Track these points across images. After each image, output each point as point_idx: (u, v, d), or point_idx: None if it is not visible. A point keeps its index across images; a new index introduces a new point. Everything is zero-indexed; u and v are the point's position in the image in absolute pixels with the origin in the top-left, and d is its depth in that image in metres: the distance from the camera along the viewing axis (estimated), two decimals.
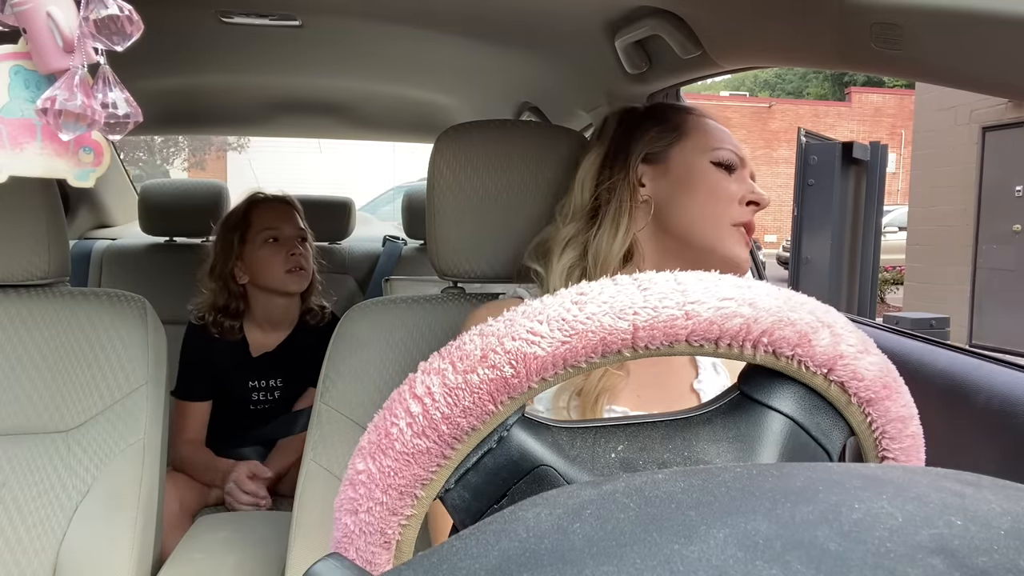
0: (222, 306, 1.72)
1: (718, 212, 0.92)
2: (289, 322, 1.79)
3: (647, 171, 0.95)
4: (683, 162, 0.94)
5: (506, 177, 1.08)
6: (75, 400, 1.10)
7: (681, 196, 0.93)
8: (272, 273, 1.71)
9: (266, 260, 1.71)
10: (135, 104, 0.71)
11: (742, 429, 0.40)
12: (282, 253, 1.72)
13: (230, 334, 1.73)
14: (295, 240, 1.75)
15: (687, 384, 0.92)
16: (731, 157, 0.94)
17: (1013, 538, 0.21)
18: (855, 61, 0.82)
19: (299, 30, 1.41)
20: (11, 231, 1.07)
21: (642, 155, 0.96)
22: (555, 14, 1.25)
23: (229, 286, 1.73)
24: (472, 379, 0.37)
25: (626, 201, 0.93)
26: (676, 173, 0.94)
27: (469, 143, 1.09)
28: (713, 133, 0.96)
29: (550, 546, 0.23)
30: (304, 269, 1.74)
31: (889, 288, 9.53)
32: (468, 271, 1.10)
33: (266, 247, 1.72)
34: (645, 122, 0.99)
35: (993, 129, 6.88)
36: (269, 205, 1.78)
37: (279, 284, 1.72)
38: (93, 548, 1.05)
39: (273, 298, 1.75)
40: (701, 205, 0.92)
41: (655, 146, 0.96)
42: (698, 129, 0.96)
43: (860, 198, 3.85)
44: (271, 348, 1.78)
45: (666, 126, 0.97)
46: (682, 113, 0.99)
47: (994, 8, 0.61)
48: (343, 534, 0.40)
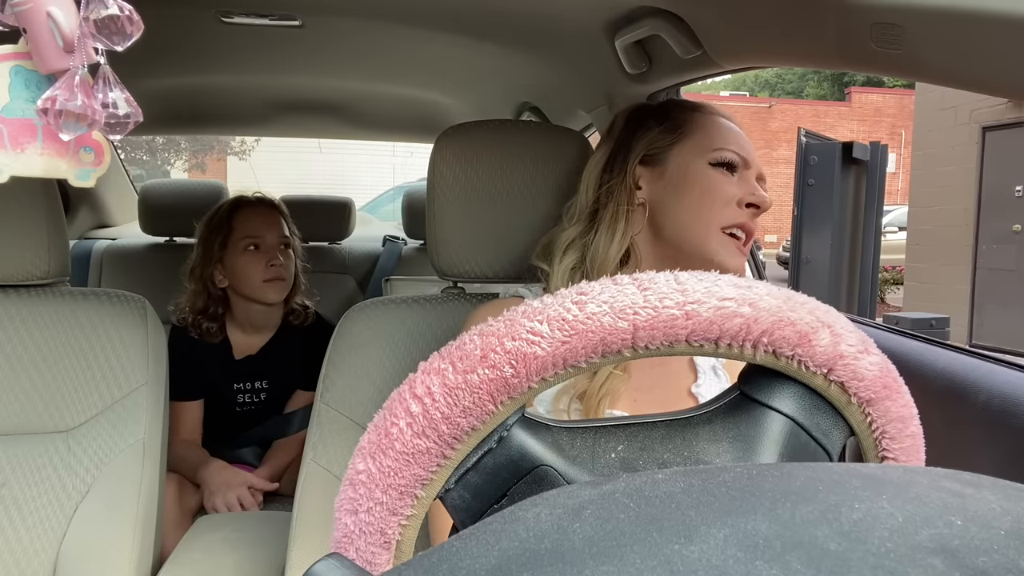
0: (201, 308, 1.70)
1: (709, 216, 0.89)
2: (272, 325, 1.77)
3: (645, 173, 0.94)
4: (680, 164, 0.92)
5: (506, 177, 1.08)
6: (75, 400, 1.10)
7: (673, 199, 0.91)
8: (250, 282, 1.68)
9: (245, 268, 1.68)
10: (135, 104, 0.71)
11: (742, 429, 0.40)
12: (262, 262, 1.68)
13: (210, 336, 1.71)
14: (277, 248, 1.71)
15: (685, 388, 0.91)
16: (732, 157, 0.91)
17: (1013, 538, 0.21)
18: (855, 61, 0.82)
19: (299, 30, 1.41)
20: (11, 231, 1.07)
21: (640, 157, 0.94)
22: (555, 14, 1.25)
23: (208, 289, 1.70)
24: (472, 379, 0.37)
25: (623, 204, 0.92)
26: (672, 175, 0.92)
27: (469, 143, 1.09)
28: (717, 133, 0.93)
29: (550, 546, 0.23)
30: (284, 279, 1.70)
31: (889, 288, 9.53)
32: (468, 271, 1.09)
33: (246, 254, 1.68)
34: (648, 121, 0.97)
35: (993, 129, 6.88)
36: (253, 210, 1.74)
37: (257, 294, 1.69)
38: (93, 548, 1.05)
39: (252, 304, 1.72)
40: (691, 208, 0.90)
41: (654, 147, 0.94)
42: (701, 129, 0.94)
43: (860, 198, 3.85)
44: (254, 351, 1.76)
45: (669, 126, 0.95)
46: (687, 112, 0.97)
47: (994, 8, 0.61)
48: (343, 534, 0.40)
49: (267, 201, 1.79)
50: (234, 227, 1.71)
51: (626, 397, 0.88)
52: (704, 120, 0.95)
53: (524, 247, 1.06)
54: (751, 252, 1.64)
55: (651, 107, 1.01)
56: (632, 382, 0.89)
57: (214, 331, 1.72)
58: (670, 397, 0.91)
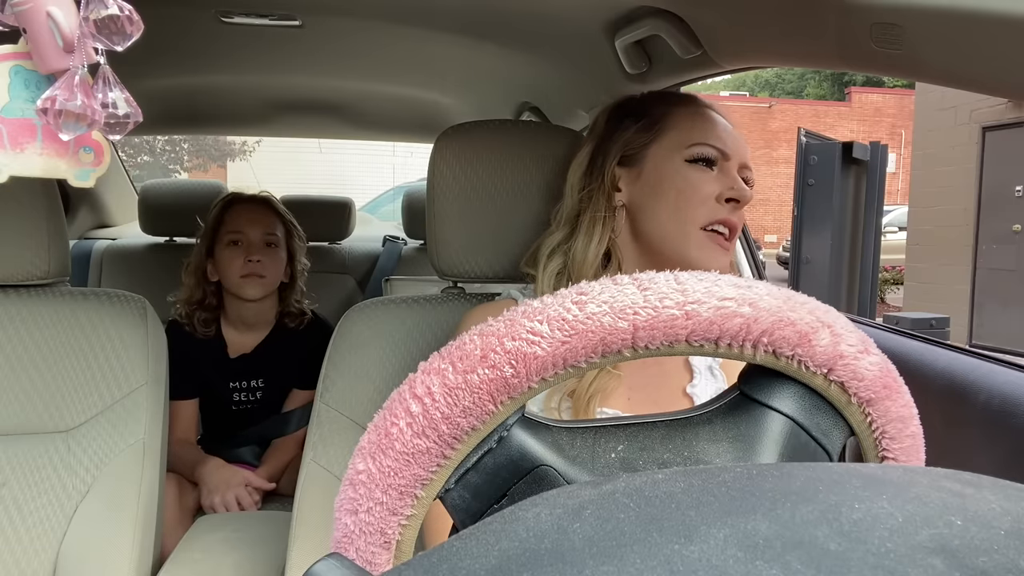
0: (197, 301, 1.72)
1: (687, 215, 0.86)
2: (265, 323, 1.78)
3: (623, 174, 0.92)
4: (656, 164, 0.90)
5: (506, 177, 1.08)
6: (75, 400, 1.10)
7: (651, 201, 0.89)
8: (230, 276, 1.70)
9: (226, 262, 1.70)
10: (135, 104, 0.71)
11: (742, 429, 0.40)
12: (241, 257, 1.69)
13: (204, 330, 1.72)
14: (259, 245, 1.72)
15: (680, 388, 0.90)
16: (708, 152, 0.88)
17: (1013, 538, 0.21)
18: (855, 61, 0.82)
19: (299, 30, 1.41)
20: (11, 231, 1.07)
21: (617, 158, 0.92)
22: (555, 14, 1.25)
23: (202, 283, 1.73)
24: (472, 379, 0.37)
25: (600, 210, 0.90)
26: (648, 176, 0.90)
27: (469, 143, 1.09)
28: (693, 127, 0.90)
29: (550, 546, 0.23)
30: (263, 276, 1.70)
31: (889, 288, 9.53)
32: (468, 271, 1.10)
33: (228, 248, 1.71)
34: (626, 120, 0.94)
35: (993, 129, 6.88)
36: (242, 207, 1.76)
37: (234, 288, 1.70)
38: (93, 548, 1.05)
39: (240, 300, 1.74)
40: (669, 209, 0.87)
41: (631, 148, 0.92)
42: (677, 125, 0.90)
43: (860, 198, 3.85)
44: (248, 350, 1.77)
45: (645, 124, 0.92)
46: (663, 106, 0.93)
47: (994, 8, 0.61)
48: (343, 534, 0.40)
49: (259, 199, 1.80)
50: (223, 221, 1.74)
51: (620, 396, 0.87)
52: (681, 114, 0.92)
53: (524, 247, 1.06)
54: (751, 252, 1.64)
55: (630, 103, 0.98)
56: (626, 380, 0.88)
57: (209, 323, 1.73)
58: (665, 396, 0.90)
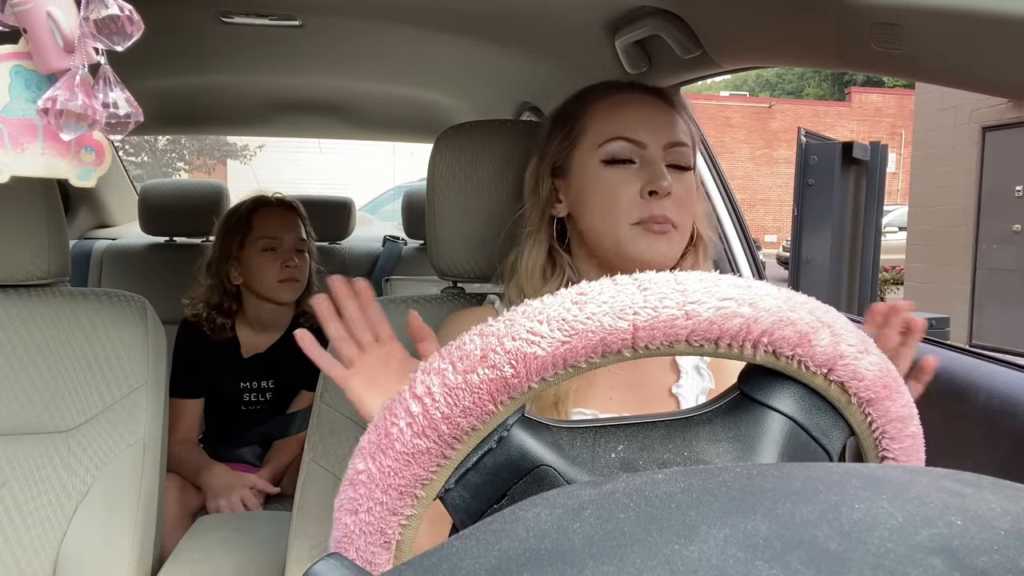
0: (215, 303, 1.73)
1: (615, 217, 0.84)
2: (281, 325, 1.79)
3: (561, 185, 0.91)
4: (578, 170, 0.88)
5: (506, 177, 1.08)
6: (75, 400, 1.10)
7: (582, 208, 0.87)
8: (265, 281, 1.71)
9: (261, 267, 1.71)
10: (136, 104, 0.71)
11: (742, 429, 0.40)
12: (277, 263, 1.71)
13: (220, 332, 1.73)
14: (293, 250, 1.74)
15: (665, 388, 0.88)
16: (623, 149, 0.85)
17: (1013, 538, 0.21)
18: (855, 61, 0.82)
19: (299, 30, 1.41)
20: (11, 231, 1.07)
21: (550, 170, 0.91)
22: (555, 14, 1.25)
23: (224, 284, 1.73)
24: (472, 379, 0.37)
25: (535, 222, 0.91)
26: (575, 185, 0.89)
27: (469, 143, 1.09)
28: (607, 121, 0.87)
29: (550, 546, 0.23)
30: (298, 280, 1.73)
31: (889, 288, 9.53)
32: (468, 271, 1.09)
33: (263, 254, 1.72)
34: (552, 131, 0.92)
35: (993, 129, 6.88)
36: (272, 211, 1.77)
37: (270, 293, 1.72)
38: (93, 548, 1.05)
39: (264, 302, 1.75)
40: (597, 214, 0.86)
41: (559, 158, 0.90)
42: (591, 123, 0.88)
43: (860, 198, 3.85)
44: (262, 350, 1.78)
45: (567, 130, 0.90)
46: (580, 107, 0.90)
47: (994, 8, 0.61)
48: (343, 534, 0.40)
49: (287, 203, 1.82)
50: (252, 226, 1.74)
51: (599, 396, 0.85)
52: (594, 111, 0.88)
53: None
54: (751, 252, 1.64)
55: (561, 109, 0.94)
56: (607, 381, 0.86)
57: (227, 327, 1.74)
58: (649, 397, 0.87)
